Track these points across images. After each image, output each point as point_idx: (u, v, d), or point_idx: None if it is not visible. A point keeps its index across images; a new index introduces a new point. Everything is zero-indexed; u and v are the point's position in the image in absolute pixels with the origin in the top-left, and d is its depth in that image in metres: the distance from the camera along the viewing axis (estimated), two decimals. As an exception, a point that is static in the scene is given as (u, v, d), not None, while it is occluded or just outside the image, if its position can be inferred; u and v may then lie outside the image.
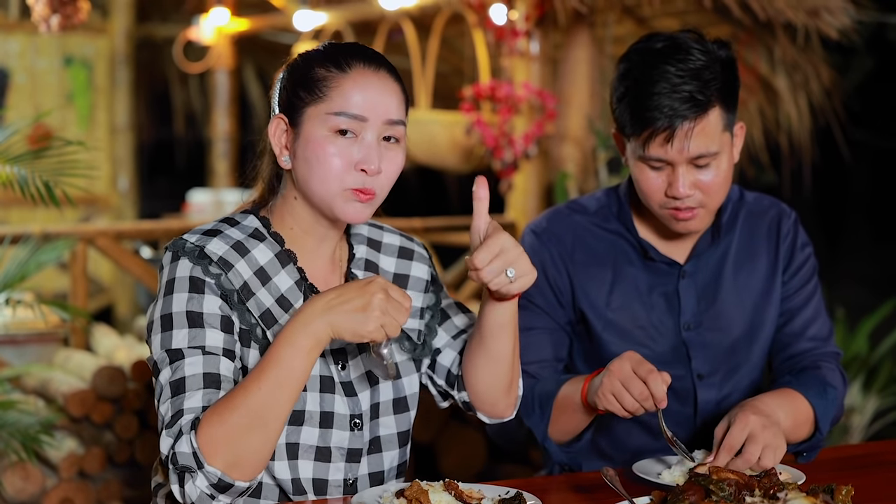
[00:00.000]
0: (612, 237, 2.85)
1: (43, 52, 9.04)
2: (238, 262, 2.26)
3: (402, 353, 2.43)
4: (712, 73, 2.59)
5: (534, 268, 2.25)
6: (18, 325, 5.31)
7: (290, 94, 2.28)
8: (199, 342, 2.17)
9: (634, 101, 2.61)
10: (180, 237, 2.29)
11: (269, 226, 2.35)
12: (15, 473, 4.56)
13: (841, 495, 2.11)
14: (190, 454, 2.06)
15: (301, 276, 2.33)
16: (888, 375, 6.66)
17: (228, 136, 9.41)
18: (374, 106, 2.25)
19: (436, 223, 6.89)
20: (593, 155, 5.85)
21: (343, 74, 2.25)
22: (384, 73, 2.28)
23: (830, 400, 2.73)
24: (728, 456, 2.39)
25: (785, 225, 2.90)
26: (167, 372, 2.17)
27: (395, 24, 7.08)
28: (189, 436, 2.07)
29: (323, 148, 2.23)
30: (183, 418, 2.11)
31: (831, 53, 7.05)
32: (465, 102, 6.06)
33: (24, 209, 8.16)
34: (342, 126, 2.23)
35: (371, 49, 2.33)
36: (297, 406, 2.25)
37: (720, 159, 2.63)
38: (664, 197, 2.66)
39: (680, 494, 2.10)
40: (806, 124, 6.53)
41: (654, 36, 2.67)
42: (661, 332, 2.81)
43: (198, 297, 2.21)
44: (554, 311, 2.84)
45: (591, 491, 2.37)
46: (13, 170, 3.75)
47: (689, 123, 2.56)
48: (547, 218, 2.92)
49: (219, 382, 2.15)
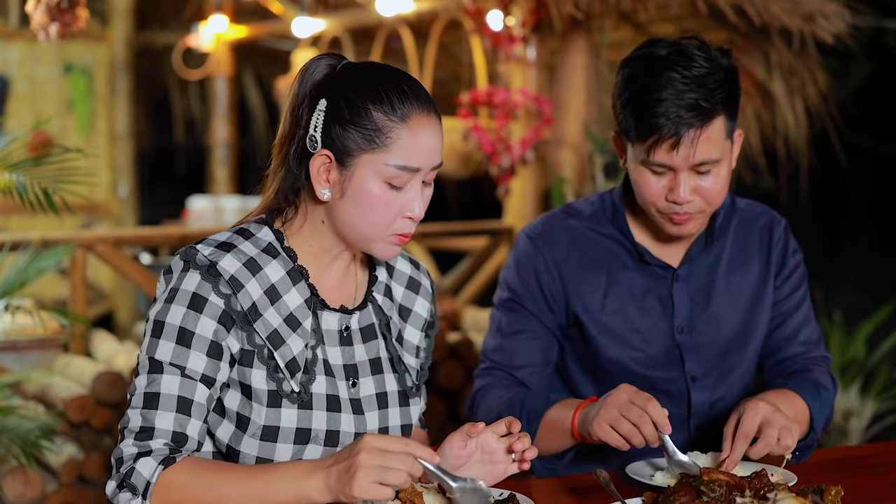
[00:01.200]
0: (607, 241, 2.87)
1: (43, 60, 9.06)
2: (249, 282, 2.25)
3: (402, 387, 2.43)
4: (716, 81, 2.61)
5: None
6: (18, 332, 5.33)
7: (342, 132, 2.23)
8: (181, 362, 2.19)
9: (640, 108, 2.62)
10: (193, 246, 2.27)
11: (283, 240, 2.33)
12: (15, 479, 4.58)
13: (830, 496, 2.12)
14: (145, 480, 2.12)
15: (312, 293, 2.32)
16: (886, 379, 6.68)
17: (228, 142, 9.42)
18: (427, 155, 2.24)
19: (434, 228, 6.91)
20: (590, 160, 5.87)
21: (403, 125, 2.22)
22: (434, 119, 2.26)
23: (824, 401, 2.77)
24: (745, 443, 2.40)
25: (776, 232, 2.93)
26: (143, 379, 2.20)
27: (393, 30, 7.10)
28: (157, 467, 2.13)
29: (376, 196, 2.23)
30: (155, 440, 2.16)
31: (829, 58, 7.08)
32: (463, 108, 6.08)
33: (25, 216, 8.17)
34: (397, 181, 2.23)
35: (418, 85, 2.28)
36: (303, 425, 2.26)
37: (721, 166, 2.65)
38: (664, 202, 2.67)
39: (671, 495, 2.12)
40: (803, 129, 6.55)
41: (657, 42, 2.69)
42: (655, 335, 2.83)
43: (194, 315, 2.21)
44: (544, 315, 2.86)
45: (584, 493, 2.39)
46: (12, 177, 3.77)
47: (694, 131, 2.58)
48: (542, 222, 2.93)
49: (190, 408, 2.18)
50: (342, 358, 2.34)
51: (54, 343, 5.50)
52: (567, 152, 5.96)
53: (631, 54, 2.72)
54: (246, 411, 2.25)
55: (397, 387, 2.40)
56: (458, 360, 5.70)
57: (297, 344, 2.27)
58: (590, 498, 2.31)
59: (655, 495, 2.17)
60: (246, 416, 2.25)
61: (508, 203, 6.39)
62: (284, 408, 2.24)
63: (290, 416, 2.24)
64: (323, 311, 2.33)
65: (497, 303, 2.94)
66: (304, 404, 2.26)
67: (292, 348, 2.26)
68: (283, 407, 2.24)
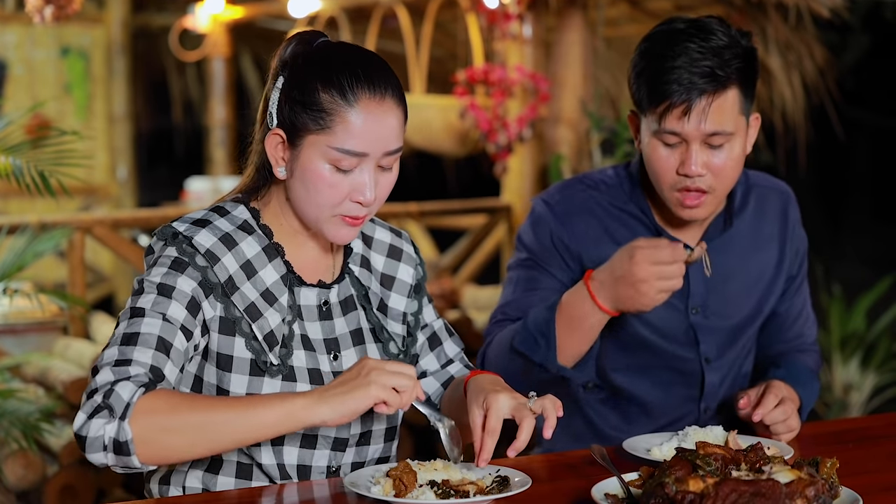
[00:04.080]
0: (625, 216, 2.82)
1: (40, 43, 9.06)
2: (225, 256, 2.26)
3: (386, 356, 2.44)
4: (733, 53, 2.59)
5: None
6: (18, 315, 5.34)
7: (291, 112, 2.24)
8: (161, 309, 2.18)
9: (653, 75, 2.60)
10: (169, 224, 2.29)
11: (259, 217, 2.35)
12: (16, 461, 4.60)
13: (826, 468, 2.13)
14: (124, 402, 2.03)
15: (288, 270, 2.33)
16: (886, 352, 6.70)
17: (226, 123, 9.42)
18: (375, 140, 2.22)
19: (432, 207, 6.91)
20: (587, 137, 5.87)
21: (348, 107, 2.20)
22: (389, 101, 2.24)
23: (814, 390, 2.83)
24: (775, 399, 2.57)
25: (791, 211, 2.92)
26: (124, 324, 2.18)
27: (389, 9, 7.09)
28: (137, 389, 2.05)
29: (321, 178, 2.23)
30: (134, 367, 2.09)
31: (827, 33, 7.07)
32: (459, 86, 6.08)
33: (24, 200, 8.18)
34: (342, 163, 2.22)
35: (377, 69, 2.26)
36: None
37: (734, 142, 2.62)
38: (675, 176, 2.64)
39: (667, 469, 2.12)
40: (800, 104, 6.55)
41: (677, 18, 2.67)
42: (671, 315, 2.80)
43: (174, 274, 2.22)
44: (561, 272, 2.81)
45: (580, 468, 2.39)
46: (10, 160, 3.78)
47: (706, 98, 2.56)
48: (559, 191, 2.88)
49: (169, 351, 2.15)
50: (322, 332, 2.35)
51: (53, 326, 5.51)
52: (564, 129, 5.96)
53: (650, 31, 2.70)
54: (224, 383, 2.25)
55: (380, 356, 2.41)
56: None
57: (274, 318, 2.28)
58: (586, 473, 2.32)
59: (652, 469, 2.17)
60: (224, 389, 2.25)
61: (506, 181, 6.39)
62: (268, 378, 2.25)
63: (273, 386, 2.25)
64: (300, 288, 2.34)
65: (512, 264, 2.88)
66: (287, 377, 2.27)
67: (270, 321, 2.27)
68: (265, 377, 2.25)
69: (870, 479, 2.29)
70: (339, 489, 2.20)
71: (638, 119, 2.71)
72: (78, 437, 2.06)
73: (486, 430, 2.18)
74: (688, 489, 1.95)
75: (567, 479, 2.35)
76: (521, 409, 2.20)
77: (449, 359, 2.56)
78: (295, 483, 2.29)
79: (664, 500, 1.96)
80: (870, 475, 2.35)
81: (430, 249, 7.82)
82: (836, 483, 2.08)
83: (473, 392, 2.28)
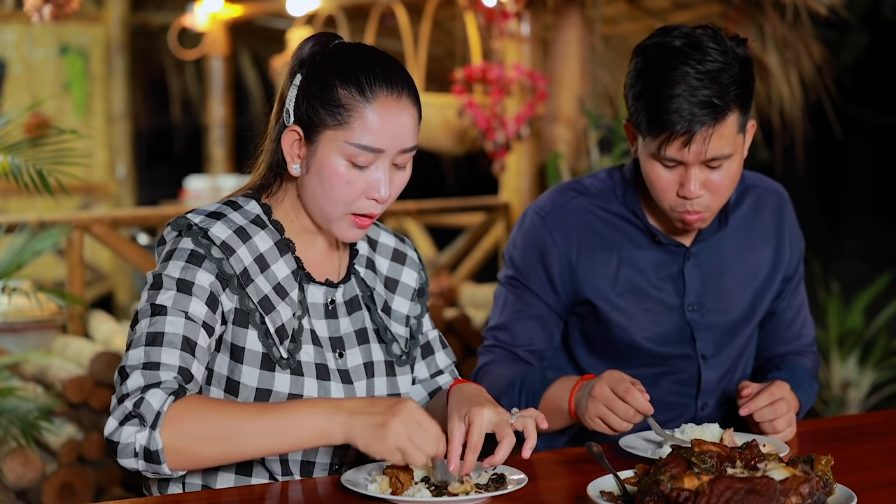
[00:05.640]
0: (617, 220, 2.83)
1: (39, 41, 9.06)
2: (240, 248, 2.29)
3: (389, 356, 2.46)
4: (730, 76, 2.57)
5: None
6: (17, 313, 5.35)
7: (309, 108, 2.26)
8: (183, 307, 2.20)
9: (652, 103, 2.59)
10: (184, 216, 2.31)
11: (271, 213, 2.37)
12: (15, 460, 4.60)
13: (820, 465, 2.13)
14: (154, 411, 2.07)
15: (298, 266, 2.35)
16: (884, 349, 6.70)
17: (224, 122, 9.42)
18: (391, 137, 2.25)
19: (430, 205, 6.91)
20: (585, 135, 5.88)
21: (366, 104, 2.23)
22: (405, 100, 2.27)
23: (813, 392, 2.87)
24: (768, 398, 2.59)
25: (787, 212, 2.93)
26: (146, 322, 2.19)
27: (387, 7, 7.10)
28: (167, 398, 2.08)
29: (337, 174, 2.25)
30: (163, 372, 2.12)
31: (824, 30, 7.06)
32: (457, 85, 6.09)
33: (23, 198, 8.19)
34: (359, 159, 2.24)
35: (394, 68, 2.30)
36: (295, 391, 2.28)
37: (732, 160, 2.62)
38: (675, 198, 2.65)
39: (662, 467, 2.13)
40: (798, 101, 6.55)
41: (671, 31, 2.64)
42: (667, 314, 2.81)
43: (192, 268, 2.23)
44: (547, 296, 2.84)
45: (577, 466, 2.40)
46: (8, 159, 3.78)
47: (707, 129, 2.55)
48: (550, 200, 2.89)
49: (194, 350, 2.18)
50: (328, 330, 2.37)
51: (52, 324, 5.52)
52: (562, 127, 5.97)
53: (643, 42, 2.68)
54: (235, 375, 2.27)
55: (384, 356, 2.43)
56: (456, 335, 5.72)
57: (285, 311, 2.30)
58: (583, 470, 2.33)
59: (647, 467, 2.18)
60: (235, 381, 2.27)
61: (504, 179, 6.40)
62: (278, 372, 2.27)
63: (283, 380, 2.27)
64: (309, 285, 2.36)
65: (502, 279, 2.92)
66: (295, 371, 2.28)
67: (282, 315, 2.29)
68: (276, 371, 2.27)
69: (867, 476, 2.31)
70: (337, 487, 2.21)
71: (634, 130, 2.71)
72: (109, 442, 2.10)
73: (468, 447, 2.18)
74: (683, 486, 1.96)
75: (563, 477, 2.36)
76: (502, 425, 2.22)
77: (439, 370, 2.57)
78: (293, 481, 2.30)
79: (660, 497, 1.97)
80: (867, 472, 2.36)
81: (428, 247, 7.82)
82: (830, 480, 2.09)
83: (456, 401, 2.30)
